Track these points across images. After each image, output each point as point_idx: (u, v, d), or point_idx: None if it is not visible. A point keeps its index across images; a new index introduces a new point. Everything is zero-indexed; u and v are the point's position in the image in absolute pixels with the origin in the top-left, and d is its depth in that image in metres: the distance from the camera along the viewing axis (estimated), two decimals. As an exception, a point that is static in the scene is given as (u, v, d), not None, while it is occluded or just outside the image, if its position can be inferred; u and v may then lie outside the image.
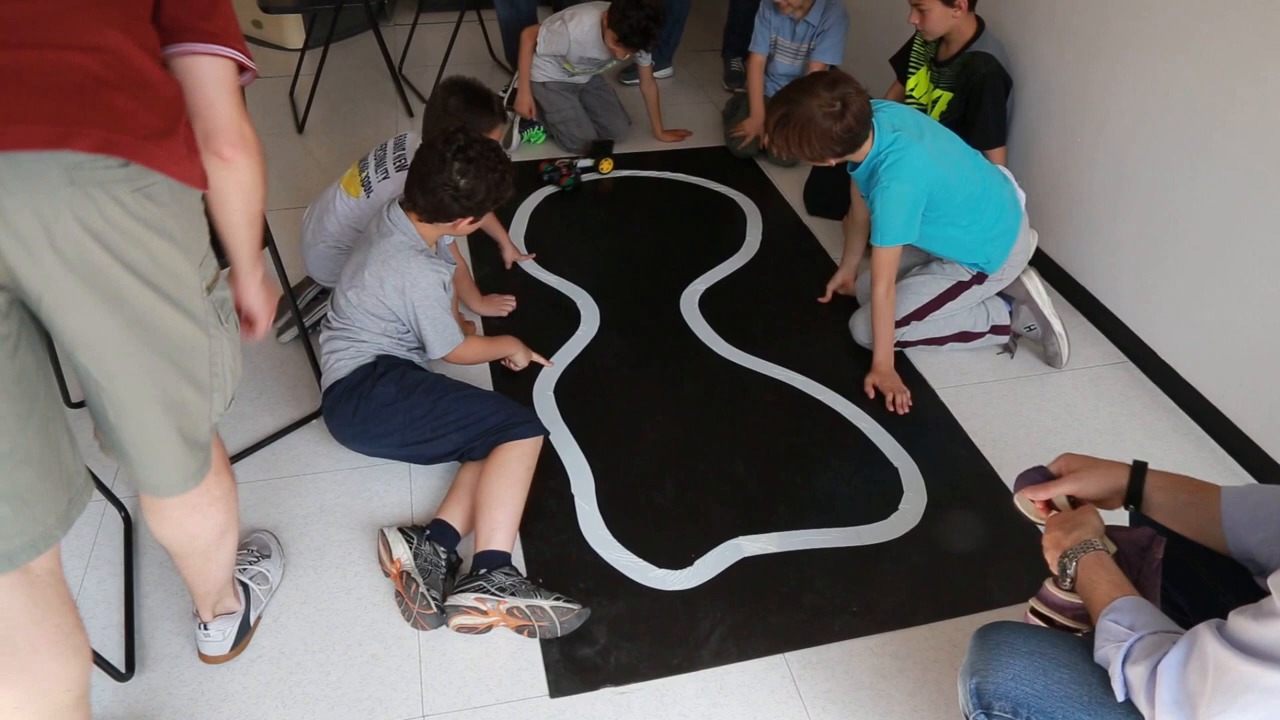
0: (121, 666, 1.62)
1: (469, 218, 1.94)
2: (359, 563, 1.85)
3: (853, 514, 2.00)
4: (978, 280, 2.40)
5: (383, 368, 1.95)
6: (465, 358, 2.14)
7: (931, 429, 2.25)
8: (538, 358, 2.36)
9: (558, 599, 1.69)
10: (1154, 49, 2.27)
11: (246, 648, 1.67)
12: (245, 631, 1.66)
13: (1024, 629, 1.17)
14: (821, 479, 2.09)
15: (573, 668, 1.66)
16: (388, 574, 1.78)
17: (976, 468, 2.13)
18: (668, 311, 2.63)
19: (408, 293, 1.94)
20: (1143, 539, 1.25)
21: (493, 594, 1.67)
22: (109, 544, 1.85)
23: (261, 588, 1.72)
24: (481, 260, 2.79)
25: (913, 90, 2.85)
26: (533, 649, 1.69)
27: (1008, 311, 2.48)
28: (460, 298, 2.50)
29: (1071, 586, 1.17)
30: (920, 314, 2.41)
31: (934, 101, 2.76)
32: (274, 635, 1.70)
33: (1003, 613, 1.76)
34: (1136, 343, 2.47)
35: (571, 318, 2.58)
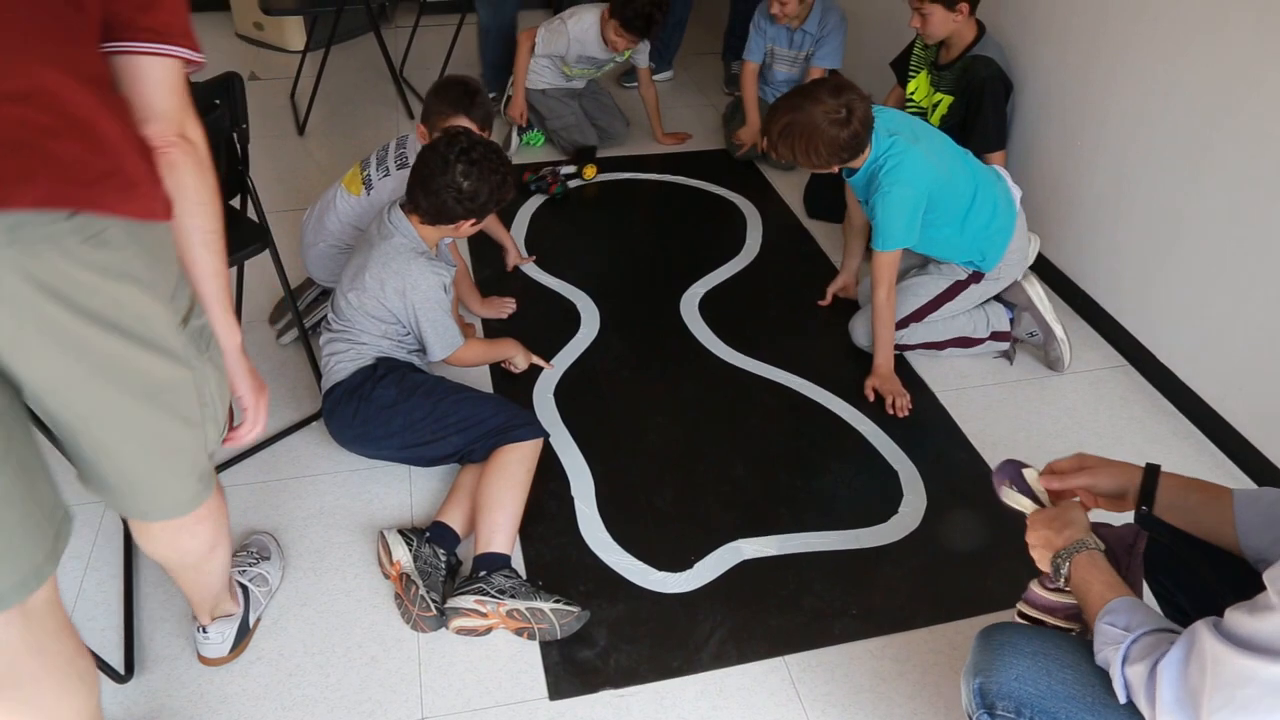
0: (121, 668, 1.62)
1: (471, 219, 1.94)
2: (358, 565, 1.85)
3: (852, 517, 2.00)
4: (975, 279, 2.40)
5: (383, 370, 1.95)
6: (465, 360, 2.14)
7: (931, 432, 2.25)
8: (538, 360, 2.36)
9: (557, 601, 1.69)
10: (1154, 52, 2.27)
11: (246, 650, 1.67)
12: (244, 634, 1.66)
13: (1027, 630, 1.18)
14: (821, 482, 2.09)
15: (572, 670, 1.66)
16: (387, 576, 1.78)
17: (976, 470, 2.13)
18: (668, 314, 2.63)
19: (408, 295, 1.94)
20: (1129, 535, 1.25)
21: (492, 596, 1.67)
22: (108, 545, 1.85)
23: (261, 590, 1.72)
24: (481, 262, 2.79)
25: (913, 94, 2.86)
26: (532, 651, 1.69)
27: (1008, 318, 2.48)
28: (460, 300, 2.50)
29: (1064, 586, 1.17)
30: (919, 315, 2.41)
31: (934, 105, 2.76)
32: (273, 637, 1.70)
33: (1003, 615, 1.74)
34: (1136, 346, 2.47)
35: (572, 320, 2.59)
